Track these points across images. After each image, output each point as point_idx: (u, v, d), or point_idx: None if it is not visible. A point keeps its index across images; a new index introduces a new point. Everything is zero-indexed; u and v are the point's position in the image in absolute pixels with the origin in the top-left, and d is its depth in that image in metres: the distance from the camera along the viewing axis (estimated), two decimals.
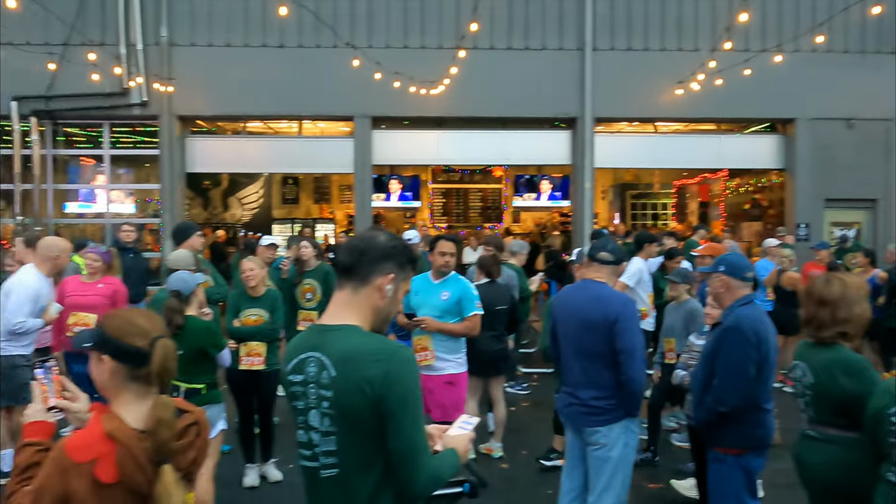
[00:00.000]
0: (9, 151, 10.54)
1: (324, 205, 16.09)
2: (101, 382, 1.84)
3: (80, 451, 1.69)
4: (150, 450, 1.73)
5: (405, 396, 1.77)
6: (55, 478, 1.68)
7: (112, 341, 1.80)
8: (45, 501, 1.68)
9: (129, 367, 1.80)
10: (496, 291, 5.30)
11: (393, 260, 1.93)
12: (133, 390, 1.81)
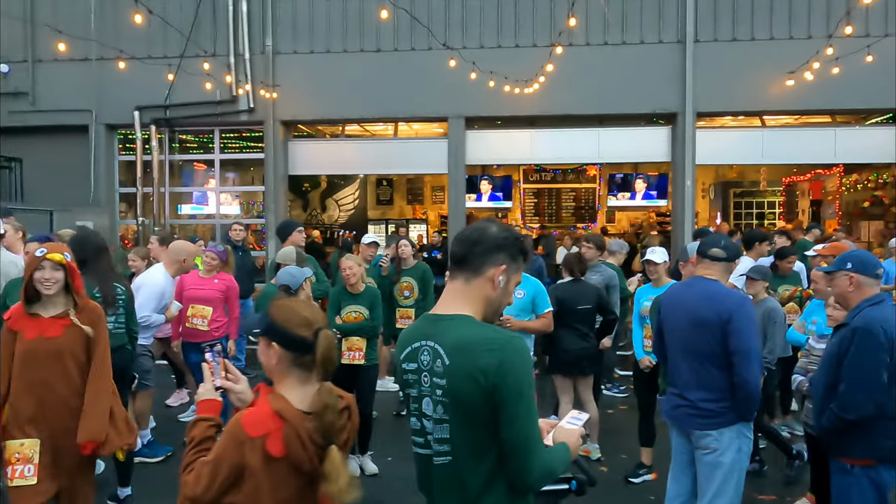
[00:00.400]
0: (132, 157, 11.40)
1: (417, 205, 16.36)
2: (267, 366, 2.02)
3: (255, 426, 1.88)
4: (314, 431, 1.89)
5: (519, 386, 1.76)
6: (232, 449, 1.88)
7: (281, 330, 1.96)
8: (223, 470, 1.86)
9: (294, 355, 1.96)
10: (580, 290, 5.20)
11: (505, 251, 1.94)
12: (296, 375, 1.97)
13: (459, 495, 1.82)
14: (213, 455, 1.92)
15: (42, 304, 3.06)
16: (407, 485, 4.83)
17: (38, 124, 11.21)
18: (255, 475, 1.87)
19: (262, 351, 2.02)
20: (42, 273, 2.99)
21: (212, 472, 1.88)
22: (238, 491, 1.89)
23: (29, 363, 3.00)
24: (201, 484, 1.89)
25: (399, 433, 6.09)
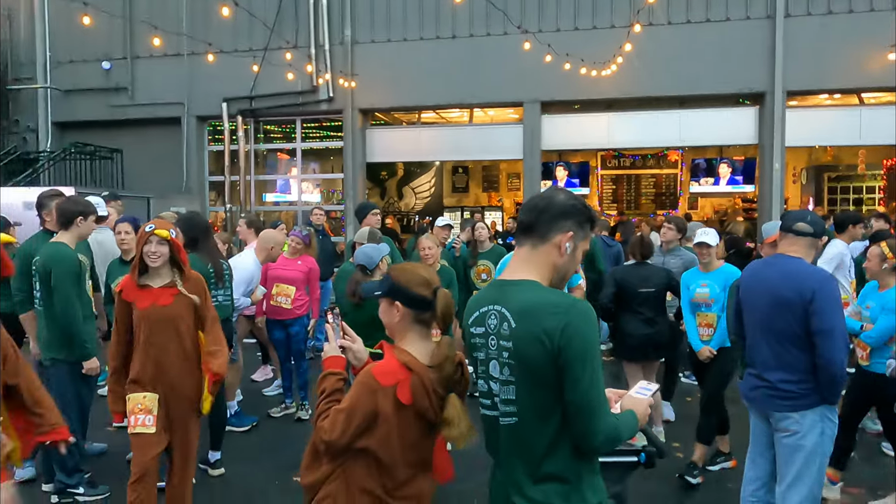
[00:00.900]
0: (220, 147, 12.00)
1: (492, 193, 16.36)
2: (390, 325, 2.20)
3: (386, 376, 2.06)
4: (436, 382, 2.08)
5: (584, 349, 1.78)
6: (366, 398, 2.05)
7: (404, 290, 2.14)
8: (358, 416, 2.05)
9: (415, 312, 2.15)
10: (644, 273, 5.02)
11: (572, 218, 1.94)
12: (416, 331, 2.17)
13: (525, 456, 1.86)
14: (347, 403, 2.08)
15: (150, 275, 3.38)
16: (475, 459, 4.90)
17: (136, 117, 11.98)
18: (388, 420, 2.04)
19: (384, 311, 2.19)
20: (149, 247, 3.30)
21: (347, 418, 2.05)
22: (370, 435, 2.06)
23: (146, 329, 3.33)
24: (337, 429, 2.05)
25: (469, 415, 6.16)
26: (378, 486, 2.11)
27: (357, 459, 2.11)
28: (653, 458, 2.40)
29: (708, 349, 4.53)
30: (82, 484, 4.21)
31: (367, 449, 2.09)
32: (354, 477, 2.12)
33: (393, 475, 2.12)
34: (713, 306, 4.56)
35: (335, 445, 2.08)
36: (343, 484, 2.13)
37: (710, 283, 4.60)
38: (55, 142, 12.28)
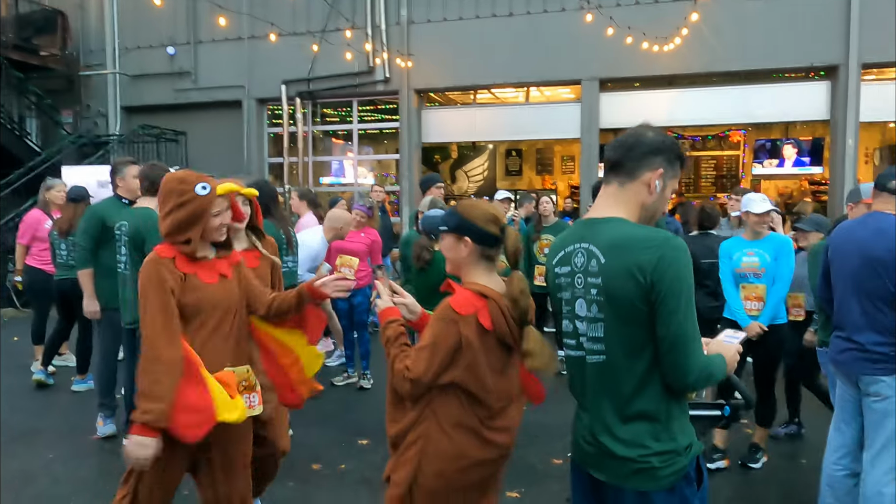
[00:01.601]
0: (279, 130, 12.21)
1: (546, 176, 16.15)
2: (456, 260, 2.22)
3: (464, 307, 2.10)
4: (513, 313, 2.12)
5: (679, 283, 1.73)
6: (447, 329, 2.08)
7: (472, 226, 2.17)
8: (441, 349, 2.08)
9: (483, 248, 2.18)
10: (707, 244, 4.81)
11: (662, 155, 1.89)
12: (483, 267, 2.20)
13: (614, 395, 1.82)
14: (429, 339, 2.09)
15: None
16: (540, 429, 4.88)
17: (199, 101, 12.31)
18: (472, 347, 2.07)
19: (450, 246, 2.20)
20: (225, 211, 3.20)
21: (431, 353, 2.07)
22: (456, 367, 2.08)
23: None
24: (421, 365, 2.07)
25: None
26: (472, 417, 2.13)
27: (446, 396, 2.12)
28: (738, 410, 2.31)
29: (758, 325, 4.07)
30: None
31: (455, 383, 2.09)
32: (446, 414, 2.13)
33: (486, 405, 2.13)
34: (763, 277, 4.15)
35: (420, 383, 2.08)
36: (434, 423, 2.14)
37: (759, 252, 4.17)
38: (123, 125, 12.74)
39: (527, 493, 3.88)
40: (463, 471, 2.15)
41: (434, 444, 2.12)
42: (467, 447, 2.13)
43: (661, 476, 1.78)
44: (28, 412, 5.24)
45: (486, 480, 2.23)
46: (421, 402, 2.15)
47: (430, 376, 2.07)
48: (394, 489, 2.20)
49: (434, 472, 2.13)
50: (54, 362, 6.20)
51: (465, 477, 2.16)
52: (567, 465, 4.20)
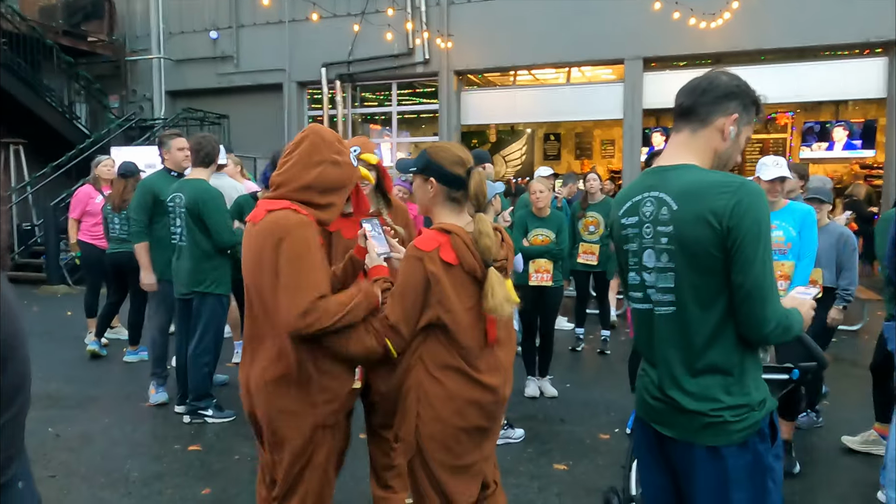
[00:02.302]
0: (319, 113, 12.29)
1: (584, 160, 15.95)
2: (423, 202, 2.23)
3: (426, 243, 2.09)
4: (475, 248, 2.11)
5: (757, 228, 1.66)
6: (413, 268, 2.08)
7: (437, 167, 2.17)
8: (410, 290, 2.08)
9: (448, 190, 2.17)
10: None
11: (737, 100, 1.82)
12: (449, 208, 2.19)
13: (684, 347, 1.76)
14: (398, 284, 2.11)
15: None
16: (586, 406, 4.85)
17: (241, 84, 12.46)
18: (439, 282, 2.06)
19: (418, 186, 2.21)
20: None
21: (401, 294, 2.08)
22: (429, 306, 2.08)
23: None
24: (396, 310, 2.08)
25: (576, 365, 6.08)
26: (456, 358, 2.13)
27: (429, 340, 2.13)
28: (808, 373, 2.23)
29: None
30: (211, 407, 4.46)
31: (434, 324, 2.10)
32: (432, 358, 2.14)
33: (464, 344, 2.12)
34: (788, 253, 3.72)
35: (400, 329, 2.09)
36: (423, 369, 2.14)
37: (782, 225, 3.73)
38: (168, 109, 12.98)
39: (574, 465, 3.85)
40: (459, 413, 2.13)
41: (427, 390, 2.13)
42: (458, 388, 2.13)
43: (733, 431, 1.72)
44: (84, 382, 5.40)
45: (485, 425, 2.21)
46: (406, 352, 2.15)
47: (407, 320, 2.08)
48: (403, 444, 2.20)
49: (432, 418, 2.12)
50: (106, 335, 6.37)
51: (461, 419, 2.14)
52: (613, 441, 4.18)
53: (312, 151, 2.16)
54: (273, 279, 2.06)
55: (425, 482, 2.18)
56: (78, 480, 3.60)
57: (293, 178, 2.15)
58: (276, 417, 2.17)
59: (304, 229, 2.08)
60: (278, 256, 2.05)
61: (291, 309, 2.02)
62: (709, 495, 1.76)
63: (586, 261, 6.18)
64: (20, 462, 1.16)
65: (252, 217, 2.25)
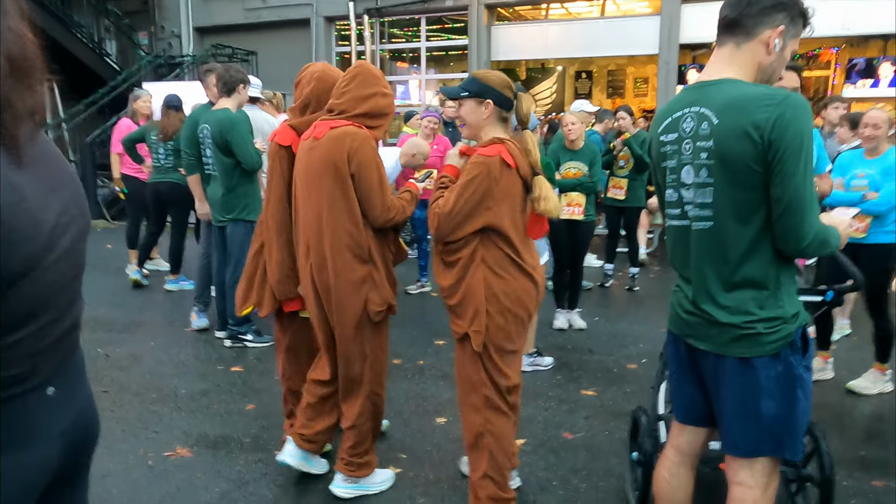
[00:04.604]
0: (347, 48, 12.13)
1: (617, 99, 15.57)
2: (476, 123, 2.44)
3: (489, 151, 2.36)
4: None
5: (799, 142, 1.65)
6: (478, 170, 2.33)
7: (494, 91, 2.41)
8: (471, 188, 2.33)
9: (500, 110, 2.43)
10: None
11: (785, 11, 1.78)
12: (500, 127, 2.45)
13: (720, 262, 1.79)
14: (461, 180, 2.36)
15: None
16: (614, 338, 4.93)
17: (269, 20, 12.31)
18: (499, 183, 2.33)
19: (471, 110, 2.42)
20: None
21: (461, 189, 2.33)
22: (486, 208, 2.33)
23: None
24: (451, 200, 2.33)
25: (605, 300, 6.14)
26: (512, 255, 2.39)
27: (488, 244, 2.38)
28: (843, 294, 2.26)
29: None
30: (250, 332, 4.63)
31: (490, 227, 2.35)
32: (494, 259, 2.38)
33: (514, 243, 2.38)
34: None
35: (449, 217, 2.32)
36: (487, 269, 2.39)
37: (871, 175, 3.84)
38: (196, 45, 12.92)
39: (603, 392, 3.96)
40: (520, 302, 2.42)
41: (494, 286, 2.38)
42: (519, 281, 2.41)
43: (765, 342, 1.76)
44: (128, 308, 5.63)
45: (532, 312, 2.50)
46: (468, 257, 2.39)
47: (458, 211, 2.31)
48: (476, 337, 2.39)
49: (500, 310, 2.38)
50: (146, 266, 6.58)
51: (522, 308, 2.43)
52: (641, 370, 4.27)
53: (366, 85, 2.60)
54: (350, 183, 2.51)
55: (482, 372, 2.44)
56: (130, 396, 3.82)
57: (352, 106, 2.59)
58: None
59: (371, 141, 2.58)
60: (358, 163, 2.51)
61: (379, 205, 2.55)
62: (738, 404, 1.82)
63: (614, 195, 6.15)
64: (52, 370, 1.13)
65: (310, 134, 2.61)
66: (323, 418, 2.85)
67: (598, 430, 3.43)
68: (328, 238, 2.54)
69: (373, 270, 2.60)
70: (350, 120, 2.57)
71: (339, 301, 2.58)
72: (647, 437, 2.57)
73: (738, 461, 1.86)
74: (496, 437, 2.45)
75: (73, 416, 1.20)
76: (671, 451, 2.10)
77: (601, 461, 3.11)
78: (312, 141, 2.57)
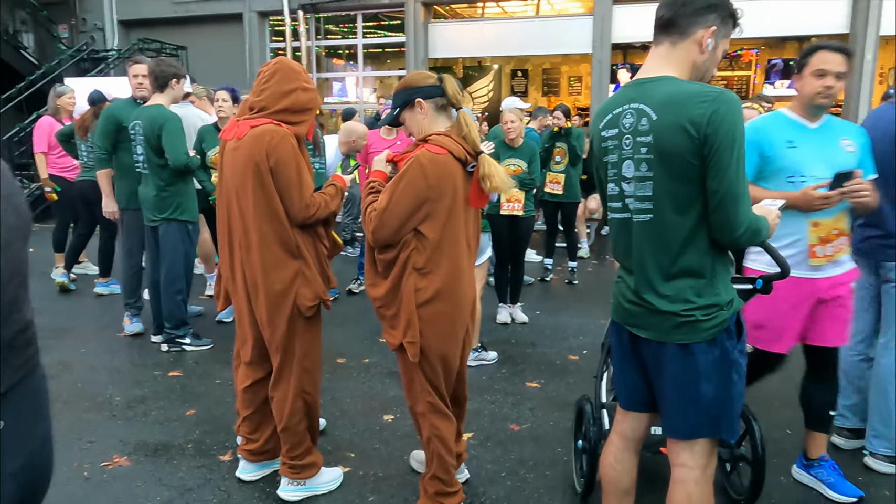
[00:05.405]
0: (281, 45, 11.90)
1: (552, 97, 15.88)
2: (421, 126, 2.41)
3: (416, 150, 2.33)
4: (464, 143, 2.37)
5: (732, 137, 1.73)
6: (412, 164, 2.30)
7: (416, 89, 2.39)
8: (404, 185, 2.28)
9: (434, 101, 2.39)
10: None
11: (716, 12, 1.87)
12: (441, 118, 2.42)
13: (659, 252, 1.86)
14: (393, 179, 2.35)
15: None
16: (556, 331, 5.03)
17: (199, 14, 11.93)
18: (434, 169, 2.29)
19: (410, 118, 2.41)
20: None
21: (394, 186, 2.31)
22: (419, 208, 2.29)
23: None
24: (384, 198, 2.30)
25: (546, 294, 6.26)
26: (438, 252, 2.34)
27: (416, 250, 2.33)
28: (770, 281, 2.38)
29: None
30: (188, 335, 4.50)
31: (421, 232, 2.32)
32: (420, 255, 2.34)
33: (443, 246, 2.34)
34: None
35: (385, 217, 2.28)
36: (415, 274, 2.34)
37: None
38: (121, 40, 12.39)
39: (546, 383, 4.04)
40: (454, 304, 2.40)
41: (424, 293, 2.34)
42: (448, 282, 2.36)
43: (703, 329, 1.84)
44: (55, 314, 5.35)
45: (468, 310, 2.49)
46: (401, 265, 2.35)
47: (393, 209, 2.27)
48: (411, 348, 2.36)
49: (432, 316, 2.35)
50: (73, 270, 6.28)
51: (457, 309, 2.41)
52: (582, 362, 4.38)
53: (286, 80, 2.57)
54: (270, 180, 2.48)
55: (424, 380, 2.44)
56: (60, 405, 3.64)
57: (272, 103, 2.56)
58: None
59: (290, 139, 2.53)
60: (276, 160, 2.47)
61: (297, 202, 2.51)
62: (679, 389, 1.90)
63: (552, 190, 6.28)
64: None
65: (233, 134, 2.60)
66: (266, 425, 2.83)
67: (543, 421, 3.50)
68: (255, 236, 2.54)
69: (303, 266, 2.59)
70: (271, 117, 2.54)
71: (268, 298, 2.56)
72: (592, 425, 2.65)
73: (679, 444, 1.94)
74: (443, 440, 2.49)
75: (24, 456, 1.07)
76: (616, 438, 2.17)
77: (547, 451, 3.17)
78: (236, 141, 2.56)
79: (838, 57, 2.60)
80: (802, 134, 2.65)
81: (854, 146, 2.66)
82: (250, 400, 2.80)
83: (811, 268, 2.62)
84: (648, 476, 2.54)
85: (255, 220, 2.53)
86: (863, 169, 2.63)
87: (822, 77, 2.59)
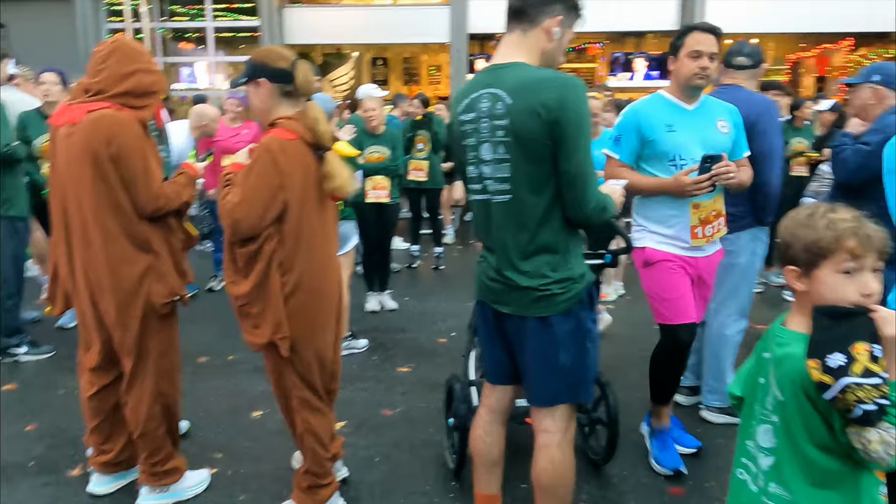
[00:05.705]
0: (120, 26, 10.97)
1: (413, 86, 16.00)
2: (260, 106, 2.27)
3: (263, 138, 2.22)
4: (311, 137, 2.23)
5: (578, 120, 1.85)
6: (260, 152, 2.16)
7: (264, 67, 2.22)
8: (255, 173, 2.15)
9: (280, 86, 2.22)
10: None
11: (561, 3, 1.98)
12: (285, 104, 2.25)
13: (518, 231, 1.95)
14: (245, 168, 2.20)
15: None
16: (424, 316, 5.12)
17: None
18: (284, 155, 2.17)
19: (252, 94, 2.25)
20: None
21: (245, 175, 2.16)
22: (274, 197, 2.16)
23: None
24: (237, 190, 2.15)
25: (413, 281, 6.33)
26: (302, 241, 2.24)
27: (278, 237, 2.21)
28: (618, 256, 2.58)
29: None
30: (24, 344, 4.07)
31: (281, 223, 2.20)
32: (282, 247, 2.23)
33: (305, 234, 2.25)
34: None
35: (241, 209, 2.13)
36: (278, 265, 2.23)
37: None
38: None
39: (417, 367, 4.10)
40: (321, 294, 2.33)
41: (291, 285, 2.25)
42: (313, 272, 2.28)
43: (559, 301, 1.96)
44: None
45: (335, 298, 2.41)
46: (265, 260, 2.21)
47: (249, 197, 2.13)
48: (283, 344, 2.26)
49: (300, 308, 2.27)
50: None
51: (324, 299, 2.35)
52: (451, 344, 4.49)
53: (126, 61, 2.38)
54: (111, 170, 2.29)
55: (294, 376, 2.35)
56: None
57: (110, 86, 2.36)
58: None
59: (134, 125, 2.35)
60: (118, 148, 2.28)
61: (144, 192, 2.34)
62: (540, 360, 2.01)
63: (416, 177, 6.35)
64: None
65: (66, 119, 2.33)
66: (119, 434, 2.64)
67: (414, 404, 3.56)
68: (96, 231, 2.34)
69: (154, 261, 2.43)
70: (110, 100, 2.34)
71: (116, 297, 2.38)
72: (461, 402, 2.73)
73: (541, 411, 2.06)
74: (316, 434, 2.43)
75: None
76: (484, 411, 2.26)
77: (420, 432, 3.23)
78: (69, 126, 2.34)
79: (710, 38, 2.70)
80: (681, 116, 2.75)
81: (728, 127, 2.81)
82: (98, 408, 2.59)
83: (693, 248, 2.77)
84: (516, 448, 2.67)
85: (95, 214, 2.33)
86: (738, 148, 2.83)
87: (697, 58, 2.68)
